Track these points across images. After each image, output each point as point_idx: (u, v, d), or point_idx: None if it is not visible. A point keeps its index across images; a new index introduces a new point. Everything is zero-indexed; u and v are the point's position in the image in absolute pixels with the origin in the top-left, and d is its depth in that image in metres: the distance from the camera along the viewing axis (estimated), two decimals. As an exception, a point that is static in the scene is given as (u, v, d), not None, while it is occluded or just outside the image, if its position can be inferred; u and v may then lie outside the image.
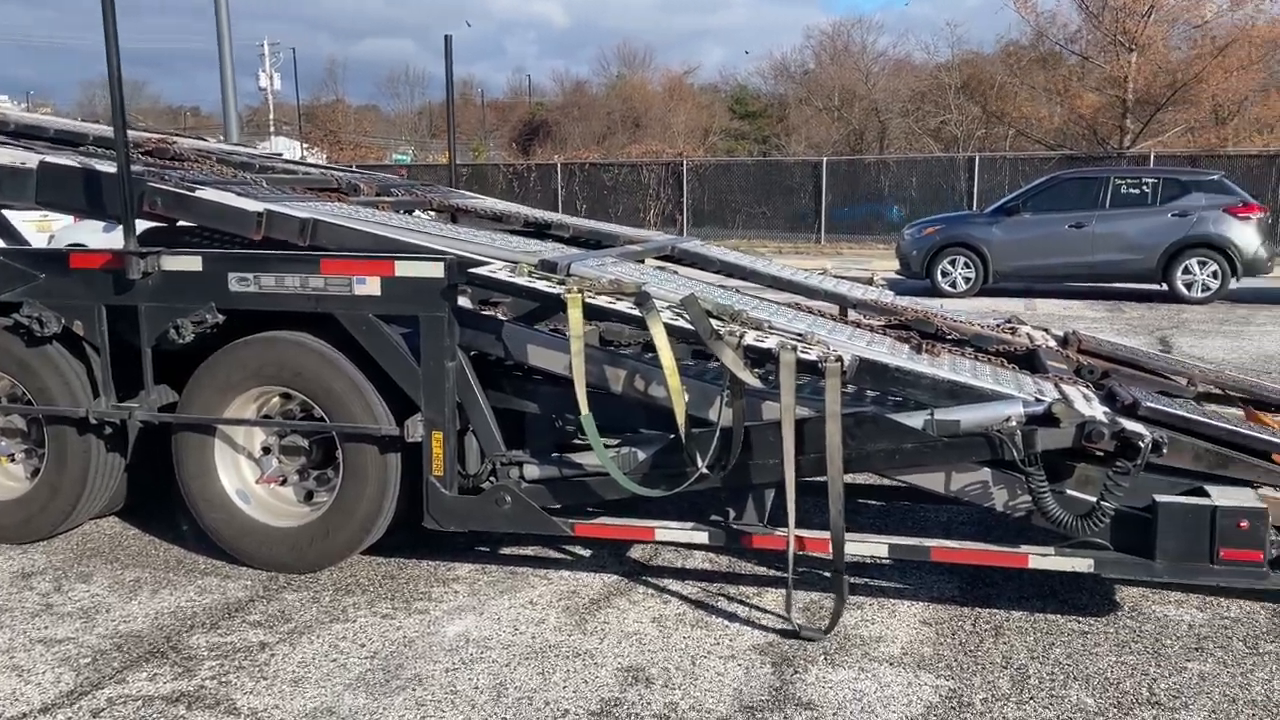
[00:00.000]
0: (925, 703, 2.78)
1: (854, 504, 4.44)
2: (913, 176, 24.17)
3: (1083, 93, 27.76)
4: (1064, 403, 3.06)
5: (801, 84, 44.98)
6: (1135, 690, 2.84)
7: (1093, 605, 3.42)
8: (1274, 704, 2.76)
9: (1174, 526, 2.96)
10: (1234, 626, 3.25)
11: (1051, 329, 5.00)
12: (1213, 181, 12.74)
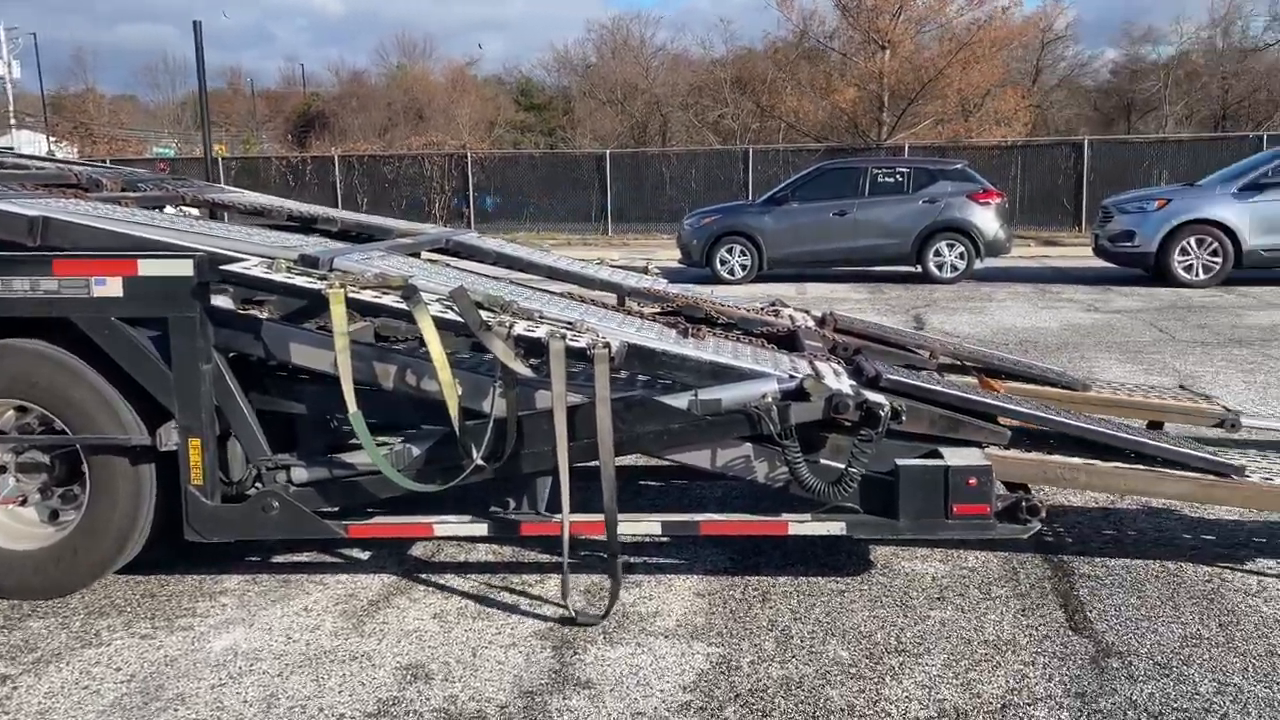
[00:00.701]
0: (697, 670, 2.90)
1: (635, 486, 4.59)
2: (693, 168, 24.91)
3: (843, 88, 29.50)
4: (814, 378, 3.26)
5: (584, 77, 45.41)
6: (885, 640, 3.07)
7: (850, 565, 3.67)
8: (1003, 642, 3.06)
9: (913, 487, 3.22)
10: (971, 575, 3.57)
11: (812, 310, 5.30)
12: (957, 170, 13.88)
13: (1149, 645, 3.01)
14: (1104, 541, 3.90)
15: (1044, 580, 3.52)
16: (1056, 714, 2.63)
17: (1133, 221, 12.64)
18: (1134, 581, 3.48)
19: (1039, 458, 3.48)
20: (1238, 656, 2.92)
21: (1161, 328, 9.25)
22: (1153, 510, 4.24)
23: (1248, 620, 3.16)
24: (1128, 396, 4.84)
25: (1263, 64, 39.06)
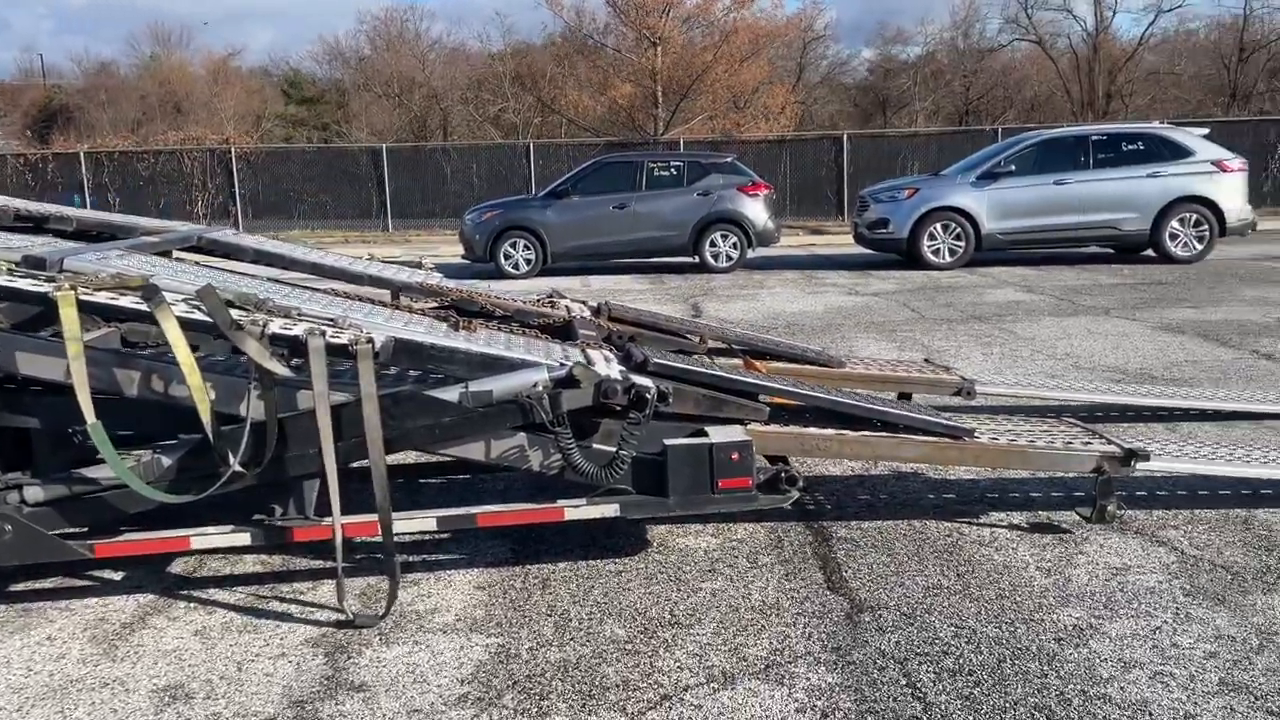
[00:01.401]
0: (475, 662, 2.90)
1: (414, 484, 4.52)
2: (475, 163, 24.65)
3: (620, 84, 30.06)
4: (583, 365, 3.32)
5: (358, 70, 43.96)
6: (659, 615, 3.18)
7: (627, 546, 3.76)
8: (768, 606, 3.23)
9: (681, 465, 3.34)
10: (740, 546, 3.75)
11: (589, 301, 5.39)
12: (728, 164, 14.45)
13: (897, 598, 3.25)
14: (859, 506, 4.18)
15: (805, 546, 3.73)
16: (815, 669, 2.80)
17: (887, 210, 13.58)
18: (885, 541, 3.76)
19: (797, 431, 3.68)
20: (973, 602, 3.21)
21: (913, 307, 9.99)
22: (901, 474, 4.58)
23: (981, 568, 3.47)
24: (879, 371, 5.22)
25: (999, 63, 42.82)
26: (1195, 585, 3.27)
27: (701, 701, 2.64)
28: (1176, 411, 5.47)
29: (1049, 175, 13.08)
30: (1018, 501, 4.17)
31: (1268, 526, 3.77)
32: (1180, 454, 3.93)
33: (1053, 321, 8.78)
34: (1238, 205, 13.04)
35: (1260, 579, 3.30)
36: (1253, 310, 8.99)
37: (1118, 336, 7.90)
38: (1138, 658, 2.80)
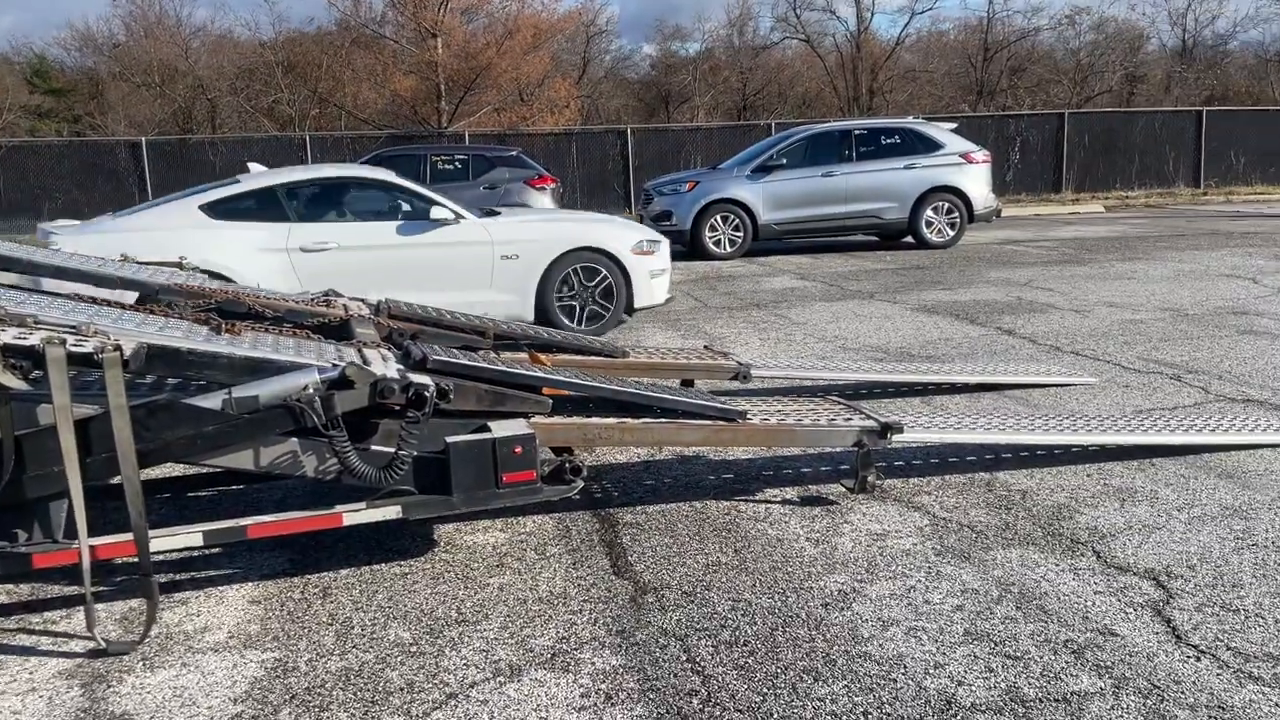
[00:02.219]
0: (250, 679, 2.78)
1: (182, 498, 4.27)
2: (246, 156, 23.37)
3: (401, 76, 29.34)
4: (357, 365, 3.23)
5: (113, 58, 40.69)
6: (446, 614, 3.15)
7: (413, 547, 3.71)
8: (555, 596, 3.26)
9: (464, 462, 3.32)
10: (528, 539, 3.76)
11: (368, 299, 5.25)
12: (513, 157, 14.40)
13: (679, 577, 3.37)
14: (644, 491, 4.29)
15: (593, 534, 3.80)
16: (600, 653, 2.86)
17: (669, 202, 13.93)
18: (668, 523, 3.88)
19: (580, 421, 3.74)
20: (749, 575, 3.36)
21: (696, 296, 10.31)
22: (685, 458, 4.73)
23: (757, 543, 3.64)
24: (661, 359, 5.36)
25: (772, 60, 44.73)
26: (945, 545, 3.56)
27: (488, 696, 2.64)
28: (931, 386, 5.92)
29: (818, 168, 13.81)
30: (790, 477, 4.40)
31: (1007, 487, 4.15)
32: (931, 425, 4.26)
33: (823, 306, 9.28)
34: (984, 194, 14.21)
35: (1000, 535, 3.63)
36: (997, 290, 9.83)
37: (880, 319, 8.46)
38: (895, 616, 3.02)
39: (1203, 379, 5.87)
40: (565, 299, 7.91)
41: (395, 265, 7.56)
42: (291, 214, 7.53)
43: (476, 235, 7.79)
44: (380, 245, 7.58)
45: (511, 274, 7.80)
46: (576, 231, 8.10)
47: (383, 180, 7.98)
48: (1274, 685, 2.55)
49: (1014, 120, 25.87)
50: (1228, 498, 3.91)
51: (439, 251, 7.66)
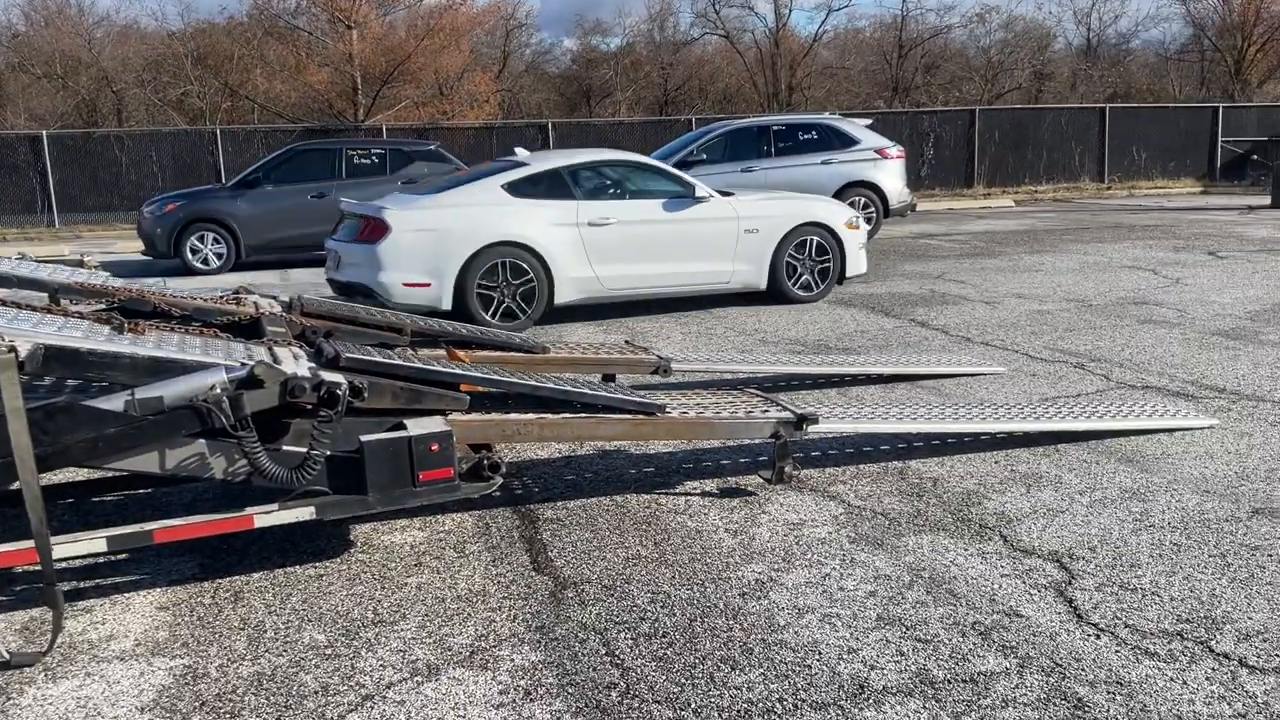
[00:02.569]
0: (158, 687, 2.71)
1: (86, 503, 4.13)
2: (155, 151, 22.67)
3: (315, 68, 28.74)
4: (266, 364, 3.17)
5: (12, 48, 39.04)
6: (362, 615, 3.11)
7: (329, 548, 3.65)
8: (474, 593, 3.24)
9: (379, 461, 3.28)
10: (447, 537, 3.74)
11: (280, 296, 5.14)
12: (432, 151, 14.22)
13: (599, 571, 3.38)
14: (565, 486, 4.29)
15: (513, 530, 3.78)
16: (519, 649, 2.85)
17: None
18: (589, 518, 3.88)
19: (498, 418, 3.72)
20: (668, 568, 3.39)
21: (619, 291, 10.31)
22: (606, 452, 4.74)
23: (676, 535, 3.67)
24: (582, 355, 5.35)
25: (693, 56, 44.94)
26: (859, 533, 3.63)
27: (404, 697, 2.62)
28: (847, 377, 6.03)
29: (737, 163, 13.92)
30: (710, 470, 4.44)
31: (920, 475, 4.25)
32: (846, 416, 4.34)
33: (743, 300, 9.37)
34: (899, 189, 14.49)
35: (912, 522, 3.72)
36: (911, 283, 10.05)
37: (799, 312, 8.58)
38: (810, 604, 3.08)
39: (1105, 367, 6.09)
40: (793, 269, 8.90)
41: (662, 239, 8.46)
42: (577, 193, 8.37)
43: (725, 212, 8.68)
44: (650, 220, 8.44)
45: (752, 246, 8.73)
46: (804, 209, 9.05)
47: (648, 164, 8.97)
48: (1169, 660, 2.66)
49: (927, 116, 26.44)
50: (1127, 481, 4.06)
51: (695, 226, 8.56)
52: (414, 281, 7.83)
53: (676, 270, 8.57)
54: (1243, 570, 3.19)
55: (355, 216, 8.28)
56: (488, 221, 7.87)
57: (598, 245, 8.21)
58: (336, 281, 8.35)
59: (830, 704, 2.52)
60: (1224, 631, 2.80)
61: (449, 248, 7.83)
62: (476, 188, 8.25)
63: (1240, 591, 3.04)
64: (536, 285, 8.01)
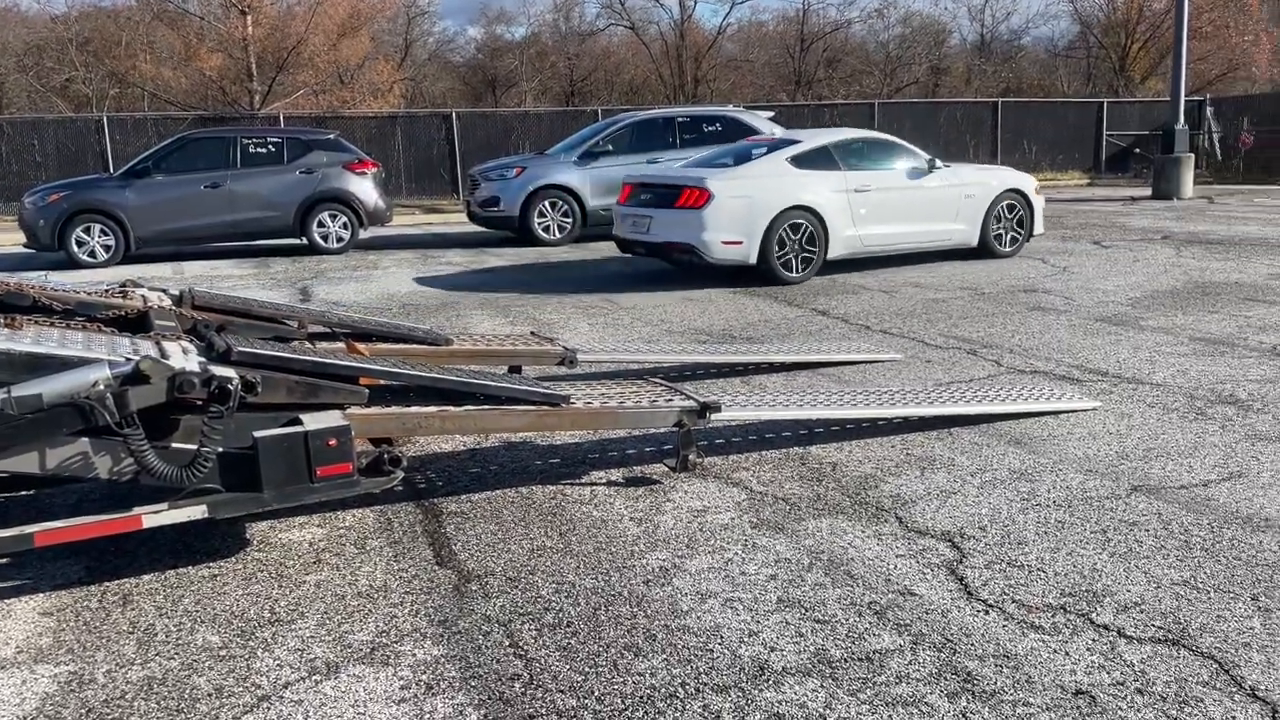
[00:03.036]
0: (41, 695, 2.60)
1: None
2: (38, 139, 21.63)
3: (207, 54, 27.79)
4: (153, 359, 3.06)
5: (-122, 30, 36.81)
6: (259, 615, 3.04)
7: (224, 548, 3.55)
8: (376, 590, 3.20)
9: (274, 457, 3.20)
10: (348, 534, 3.67)
11: (170, 289, 4.97)
12: (331, 140, 13.89)
13: (503, 564, 3.36)
14: (470, 479, 4.25)
15: (416, 525, 3.74)
16: (421, 644, 2.82)
17: (497, 188, 13.80)
18: (494, 510, 3.86)
19: (398, 411, 3.66)
20: (573, 558, 3.39)
21: (526, 283, 10.26)
22: (512, 444, 4.72)
23: (581, 525, 3.68)
24: (486, 346, 5.31)
25: (599, 47, 44.90)
26: (761, 518, 3.69)
27: (302, 696, 2.57)
28: (751, 366, 6.12)
29: (643, 154, 13.96)
30: (616, 459, 4.46)
31: (820, 460, 4.34)
32: (749, 403, 4.40)
33: (650, 291, 9.42)
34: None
35: (812, 506, 3.80)
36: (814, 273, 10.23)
37: (705, 301, 8.66)
38: (713, 589, 3.12)
39: (996, 353, 6.30)
40: (997, 228, 10.71)
41: (905, 203, 10.07)
42: (842, 165, 9.85)
43: (952, 180, 10.42)
44: (899, 188, 10.06)
45: (969, 209, 10.49)
46: (1007, 177, 10.93)
47: (894, 141, 10.64)
48: (1053, 633, 2.78)
49: (829, 109, 26.94)
50: (1015, 462, 4.22)
51: (930, 192, 10.24)
52: (730, 240, 9.28)
53: (915, 230, 10.22)
54: (1122, 545, 3.34)
55: (664, 186, 9.77)
56: (783, 189, 9.43)
57: (861, 209, 9.76)
58: (647, 242, 9.80)
59: (731, 686, 2.56)
60: (1104, 604, 2.93)
61: (756, 211, 9.30)
62: (769, 161, 9.80)
63: (1119, 565, 3.19)
64: (817, 243, 9.53)
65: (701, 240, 9.22)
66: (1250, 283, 8.81)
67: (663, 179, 10.02)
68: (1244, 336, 6.55)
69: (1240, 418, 4.76)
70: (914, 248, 10.35)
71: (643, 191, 10.02)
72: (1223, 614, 2.85)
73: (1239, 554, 3.25)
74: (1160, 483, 3.92)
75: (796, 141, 10.04)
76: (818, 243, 9.54)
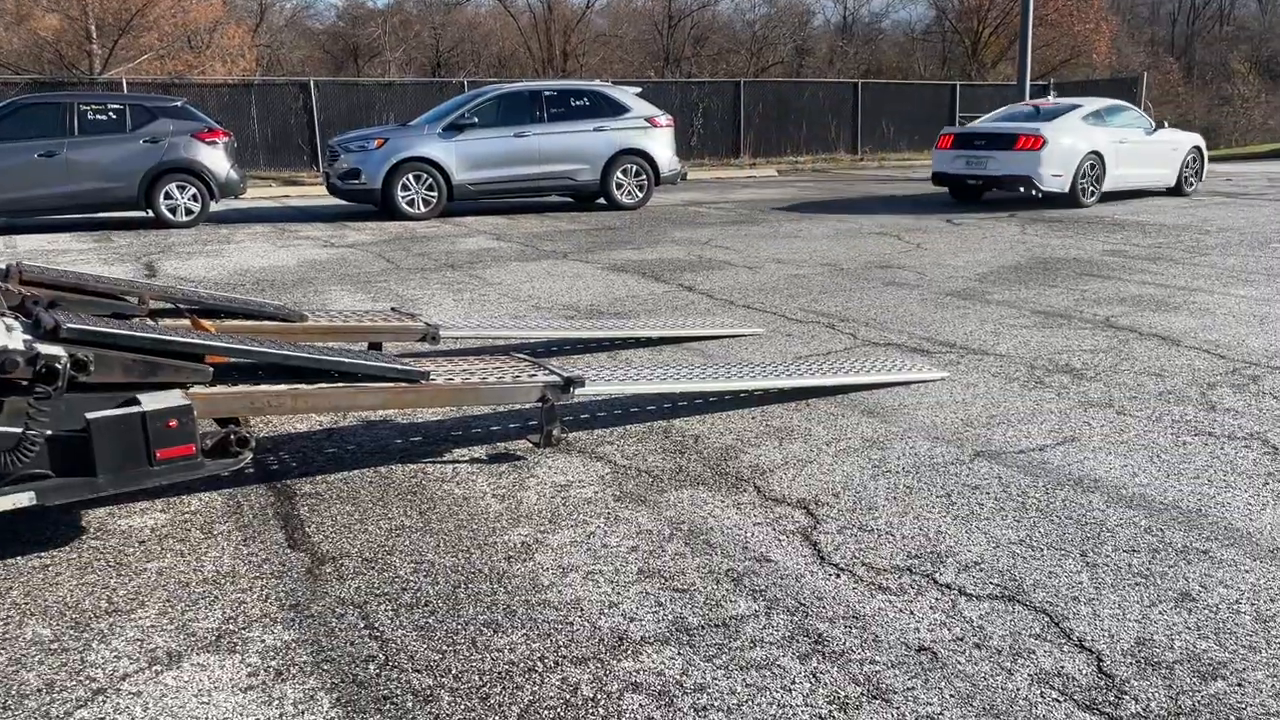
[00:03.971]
0: None
1: None
2: None
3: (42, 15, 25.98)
4: (-30, 337, 2.85)
5: None
6: (95, 606, 2.88)
7: (58, 536, 3.35)
8: (223, 575, 3.07)
9: (109, 439, 3.03)
10: (193, 518, 3.51)
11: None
12: (178, 108, 13.19)
13: (360, 545, 3.28)
14: (326, 460, 4.13)
15: (267, 508, 3.61)
16: (271, 630, 2.73)
17: (358, 160, 13.38)
18: (350, 491, 3.76)
19: (245, 390, 3.52)
20: (433, 536, 3.34)
21: (389, 258, 10.02)
22: (371, 423, 4.60)
23: (442, 504, 3.62)
24: (343, 322, 5.16)
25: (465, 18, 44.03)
26: (624, 491, 3.71)
27: (141, 688, 2.45)
28: (617, 341, 6.13)
29: (510, 128, 13.79)
30: (479, 436, 4.41)
31: (683, 433, 4.39)
32: (613, 378, 4.41)
33: (518, 266, 9.34)
34: (669, 157, 14.83)
35: (674, 478, 3.84)
36: (681, 250, 10.33)
37: (573, 277, 8.64)
38: (574, 562, 3.12)
39: (852, 326, 6.50)
40: (1187, 174, 15.45)
41: (1143, 153, 14.68)
42: (1110, 123, 14.32)
43: (1165, 137, 15.09)
44: (1140, 141, 14.61)
45: (1173, 159, 15.27)
46: (1195, 137, 15.79)
47: (1134, 108, 15.24)
48: (899, 593, 2.89)
49: (696, 87, 27.16)
50: (868, 431, 4.36)
51: (1154, 145, 14.89)
52: (1055, 174, 13.55)
53: (1146, 172, 14.90)
54: (965, 508, 3.50)
55: (999, 135, 13.80)
56: (1088, 138, 13.88)
57: (1118, 155, 14.15)
58: (986, 176, 13.97)
59: (590, 658, 2.57)
60: (947, 564, 3.07)
61: (1071, 154, 13.67)
62: (1071, 117, 14.04)
63: (962, 528, 3.34)
64: (1101, 178, 14.01)
65: (1037, 173, 13.41)
66: (1087, 258, 9.34)
67: (997, 130, 13.99)
68: (1080, 309, 6.95)
69: (1075, 385, 5.04)
70: (1143, 187, 15.08)
71: (974, 139, 14.10)
72: (1054, 570, 3.02)
73: (1070, 514, 3.44)
74: (1001, 448, 4.13)
75: (1079, 106, 14.43)
76: (1101, 178, 13.97)
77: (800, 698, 2.38)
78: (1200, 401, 4.74)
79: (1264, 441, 4.16)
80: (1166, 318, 6.63)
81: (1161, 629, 2.67)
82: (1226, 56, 44.99)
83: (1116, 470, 3.85)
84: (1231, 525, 3.33)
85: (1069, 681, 2.43)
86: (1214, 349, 5.76)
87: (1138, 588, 2.90)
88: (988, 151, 13.73)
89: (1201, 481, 3.73)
